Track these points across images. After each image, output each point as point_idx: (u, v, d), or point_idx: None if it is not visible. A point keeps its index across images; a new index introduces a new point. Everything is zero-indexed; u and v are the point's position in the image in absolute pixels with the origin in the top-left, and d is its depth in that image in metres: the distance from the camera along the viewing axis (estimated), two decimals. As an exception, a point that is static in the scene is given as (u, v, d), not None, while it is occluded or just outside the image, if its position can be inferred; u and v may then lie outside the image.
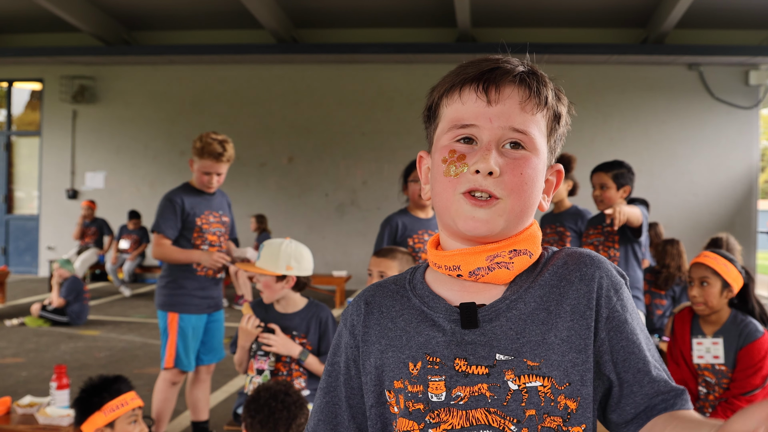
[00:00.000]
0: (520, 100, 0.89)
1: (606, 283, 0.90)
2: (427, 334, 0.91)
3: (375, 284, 1.03)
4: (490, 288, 0.92)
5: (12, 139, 11.50)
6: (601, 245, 3.54)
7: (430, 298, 0.95)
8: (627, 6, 8.77)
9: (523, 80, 0.90)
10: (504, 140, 0.89)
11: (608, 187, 3.54)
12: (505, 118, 0.89)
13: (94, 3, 9.32)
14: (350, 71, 10.30)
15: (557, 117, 0.94)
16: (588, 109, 9.82)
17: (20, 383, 4.71)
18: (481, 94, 0.89)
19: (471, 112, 0.89)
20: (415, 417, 0.88)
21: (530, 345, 0.87)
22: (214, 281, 3.52)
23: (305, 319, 2.80)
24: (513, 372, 0.86)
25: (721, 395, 2.73)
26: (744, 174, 9.74)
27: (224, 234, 3.59)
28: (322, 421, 0.99)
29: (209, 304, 3.53)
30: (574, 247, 0.95)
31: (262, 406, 2.18)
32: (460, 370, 0.87)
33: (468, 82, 0.90)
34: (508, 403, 0.85)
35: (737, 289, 2.76)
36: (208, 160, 3.38)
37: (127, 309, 8.02)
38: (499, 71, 0.90)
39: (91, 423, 2.36)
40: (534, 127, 0.90)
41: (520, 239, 0.92)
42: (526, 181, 0.89)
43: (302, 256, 2.79)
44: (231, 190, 10.41)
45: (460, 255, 0.91)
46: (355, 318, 0.99)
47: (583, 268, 0.91)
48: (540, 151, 0.91)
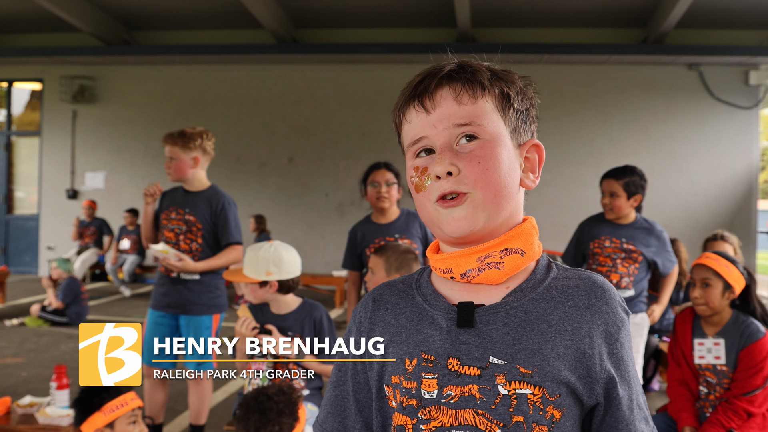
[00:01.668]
0: (455, 96, 0.91)
1: (611, 321, 0.91)
2: (425, 332, 0.93)
3: (384, 283, 1.05)
4: (488, 289, 0.93)
5: (12, 139, 11.50)
6: (621, 261, 3.41)
7: (432, 296, 0.96)
8: (627, 6, 8.77)
9: (452, 77, 0.92)
10: (455, 138, 0.91)
11: (618, 195, 3.39)
12: (446, 118, 0.91)
13: (94, 3, 9.32)
14: (350, 71, 10.29)
15: (505, 96, 0.94)
16: (588, 109, 9.82)
17: (20, 383, 4.71)
18: (419, 107, 0.92)
19: (417, 127, 0.93)
20: (408, 412, 0.90)
21: (525, 352, 0.87)
22: (170, 280, 3.40)
23: (299, 319, 2.82)
24: (505, 377, 0.87)
25: (722, 395, 2.73)
26: (744, 174, 9.74)
27: (187, 232, 3.41)
28: (331, 414, 1.02)
29: (169, 303, 3.42)
30: (588, 271, 0.96)
31: (243, 404, 2.23)
32: (452, 369, 0.89)
33: (406, 102, 0.94)
34: (496, 407, 0.86)
35: (739, 291, 2.75)
36: (164, 143, 3.40)
37: (127, 309, 8.02)
38: (428, 79, 0.93)
39: (91, 423, 2.36)
40: (479, 114, 0.91)
41: (511, 236, 0.92)
42: (488, 168, 0.90)
43: (282, 260, 2.75)
44: (231, 190, 10.41)
45: (451, 258, 0.93)
46: (362, 314, 1.02)
47: (593, 298, 0.91)
48: (495, 134, 0.92)
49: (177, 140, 3.36)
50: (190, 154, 3.37)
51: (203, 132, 3.43)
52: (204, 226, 3.41)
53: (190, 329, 3.44)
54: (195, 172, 3.43)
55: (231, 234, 3.42)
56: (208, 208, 3.42)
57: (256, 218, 9.11)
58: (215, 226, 3.43)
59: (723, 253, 2.85)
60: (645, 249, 3.41)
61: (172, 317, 3.46)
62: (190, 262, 3.32)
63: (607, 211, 3.45)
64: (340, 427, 1.01)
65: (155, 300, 3.48)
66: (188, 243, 3.41)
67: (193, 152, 3.38)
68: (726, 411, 2.66)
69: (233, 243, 3.43)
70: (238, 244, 3.45)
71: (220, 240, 3.44)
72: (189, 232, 3.41)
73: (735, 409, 2.65)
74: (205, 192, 3.45)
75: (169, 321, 3.46)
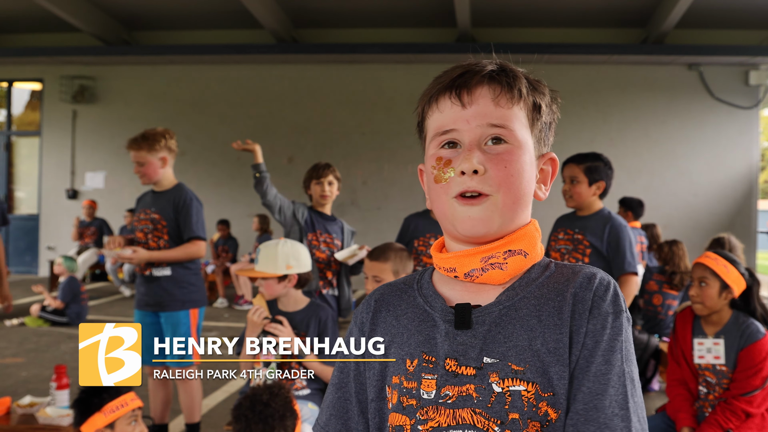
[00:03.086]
0: (493, 97, 0.92)
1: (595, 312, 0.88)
2: (426, 333, 0.94)
3: (386, 284, 1.06)
4: (488, 289, 0.93)
5: (12, 139, 11.50)
6: (569, 254, 3.12)
7: (432, 297, 0.97)
8: (627, 6, 8.77)
9: (493, 78, 0.92)
10: (485, 138, 0.91)
11: (579, 181, 3.09)
12: (481, 116, 0.91)
13: (94, 3, 9.31)
14: (350, 71, 10.29)
15: (536, 107, 0.95)
16: (588, 109, 9.82)
17: (20, 383, 4.71)
18: (455, 99, 0.92)
19: (449, 118, 0.93)
20: (408, 412, 0.91)
21: (516, 350, 0.88)
22: (145, 279, 3.48)
23: (306, 317, 2.87)
24: (498, 375, 0.87)
25: (721, 395, 2.73)
26: (744, 174, 9.74)
27: (153, 231, 3.44)
28: (333, 416, 1.02)
29: (147, 302, 3.47)
30: (588, 266, 0.94)
31: (240, 416, 2.22)
32: (450, 369, 0.90)
33: (442, 92, 0.94)
34: (492, 405, 0.87)
35: (738, 291, 2.75)
36: (129, 149, 3.43)
37: (127, 309, 8.01)
38: (469, 74, 0.93)
39: (91, 424, 2.36)
40: (512, 119, 0.92)
41: (515, 238, 0.93)
42: (513, 174, 0.90)
43: (300, 254, 2.84)
44: (231, 190, 10.47)
45: (455, 257, 0.93)
46: (364, 315, 1.03)
47: (579, 288, 0.90)
48: (523, 142, 0.92)
49: (142, 144, 3.39)
50: (157, 155, 3.41)
51: (165, 131, 3.48)
52: (168, 223, 3.45)
53: (168, 326, 3.47)
54: (164, 171, 3.47)
55: (192, 229, 3.45)
56: (172, 205, 3.46)
57: (260, 218, 9.09)
58: (178, 222, 3.47)
59: (724, 252, 2.85)
60: (596, 241, 3.07)
61: (153, 315, 3.49)
62: (144, 252, 3.36)
63: (567, 198, 3.16)
64: (342, 430, 1.01)
65: (137, 300, 3.56)
66: (156, 241, 3.46)
67: (159, 153, 3.41)
68: (724, 411, 2.66)
69: (194, 238, 3.46)
70: (199, 239, 3.47)
71: (183, 235, 3.47)
72: (155, 230, 3.45)
73: (733, 410, 2.65)
74: (170, 191, 3.50)
75: (152, 319, 3.49)
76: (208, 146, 10.09)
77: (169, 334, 3.47)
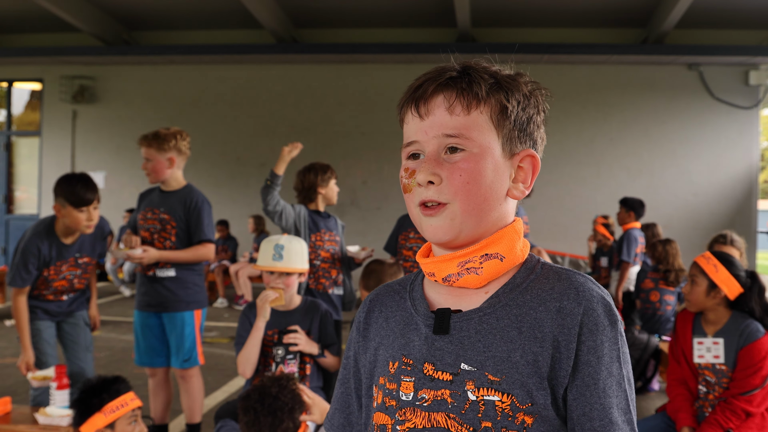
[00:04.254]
0: (447, 106, 0.92)
1: (584, 323, 0.88)
2: (408, 337, 0.96)
3: (384, 284, 1.09)
4: (472, 294, 0.94)
5: (12, 139, 11.50)
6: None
7: (419, 301, 0.99)
8: (627, 6, 8.77)
9: (449, 85, 0.92)
10: (442, 148, 0.92)
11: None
12: (437, 127, 0.92)
13: (94, 3, 9.32)
14: (350, 71, 10.29)
15: (502, 107, 0.93)
16: (588, 109, 9.82)
17: (20, 383, 4.71)
18: (414, 112, 0.94)
19: (411, 130, 0.95)
20: (389, 412, 0.94)
21: (494, 360, 0.89)
22: (147, 279, 3.48)
23: (305, 314, 2.90)
24: (474, 383, 0.88)
25: (721, 395, 2.74)
26: (744, 174, 9.74)
27: (161, 231, 3.43)
28: (338, 410, 1.08)
29: (149, 303, 3.48)
30: (574, 273, 0.93)
31: (249, 408, 2.21)
32: (427, 373, 0.92)
33: (406, 103, 0.96)
34: (465, 412, 0.88)
35: (729, 292, 2.74)
36: (140, 145, 3.45)
37: (127, 309, 8.02)
38: (426, 84, 0.94)
39: (91, 424, 2.36)
40: (469, 127, 0.91)
41: (492, 241, 0.93)
42: (469, 181, 0.91)
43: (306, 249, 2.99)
44: (231, 190, 10.47)
45: (434, 263, 0.95)
46: (361, 315, 1.07)
47: (564, 300, 0.90)
48: (484, 146, 0.92)
49: (152, 142, 3.40)
50: (165, 155, 3.40)
51: (178, 132, 3.47)
52: (178, 224, 3.45)
53: (172, 327, 3.47)
54: (172, 172, 3.46)
55: (203, 231, 3.45)
56: (182, 206, 3.45)
57: (255, 219, 9.10)
58: (188, 223, 3.46)
59: (722, 253, 2.85)
60: None
61: (156, 316, 3.50)
62: (154, 252, 3.35)
63: None
64: (345, 423, 1.07)
65: (137, 301, 3.55)
66: (162, 241, 3.45)
67: (168, 153, 3.41)
68: (724, 411, 2.67)
69: (205, 240, 3.46)
70: (209, 242, 3.48)
71: (193, 237, 3.46)
72: (163, 231, 3.44)
73: (733, 409, 2.65)
74: (180, 191, 3.49)
75: (155, 321, 3.50)
76: (208, 146, 10.07)
77: (173, 335, 3.47)
